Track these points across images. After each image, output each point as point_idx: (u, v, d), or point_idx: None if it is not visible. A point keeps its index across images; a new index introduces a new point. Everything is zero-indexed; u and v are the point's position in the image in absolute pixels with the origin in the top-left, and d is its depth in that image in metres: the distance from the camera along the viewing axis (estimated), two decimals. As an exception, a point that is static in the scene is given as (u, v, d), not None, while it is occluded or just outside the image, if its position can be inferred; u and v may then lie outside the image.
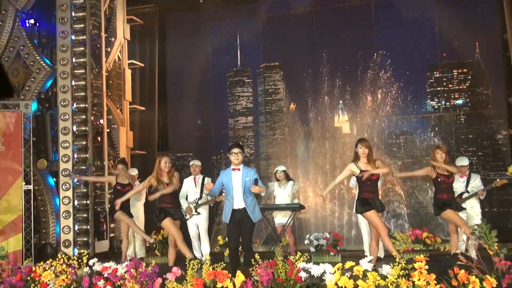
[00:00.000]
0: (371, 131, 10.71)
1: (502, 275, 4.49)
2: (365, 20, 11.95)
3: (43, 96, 10.18)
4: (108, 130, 10.34)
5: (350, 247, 9.20)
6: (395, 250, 5.92)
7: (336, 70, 11.23)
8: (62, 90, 9.24)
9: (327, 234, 8.31)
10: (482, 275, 4.40)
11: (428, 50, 12.00)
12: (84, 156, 9.20)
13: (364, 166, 5.98)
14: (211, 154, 13.06)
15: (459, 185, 7.26)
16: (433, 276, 4.38)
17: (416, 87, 11.78)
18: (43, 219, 9.51)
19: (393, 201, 10.02)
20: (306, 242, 8.37)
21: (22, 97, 9.49)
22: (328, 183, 10.18)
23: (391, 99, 10.77)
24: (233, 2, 12.87)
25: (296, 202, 7.76)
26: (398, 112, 11.09)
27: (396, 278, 4.42)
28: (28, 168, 8.65)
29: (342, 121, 11.67)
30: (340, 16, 12.20)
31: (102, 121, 9.91)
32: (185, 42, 13.13)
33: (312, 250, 8.17)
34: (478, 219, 6.97)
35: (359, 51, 11.51)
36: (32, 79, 9.70)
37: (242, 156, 5.76)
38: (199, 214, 7.73)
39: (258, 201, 6.15)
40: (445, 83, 12.03)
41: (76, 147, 9.16)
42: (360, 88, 10.95)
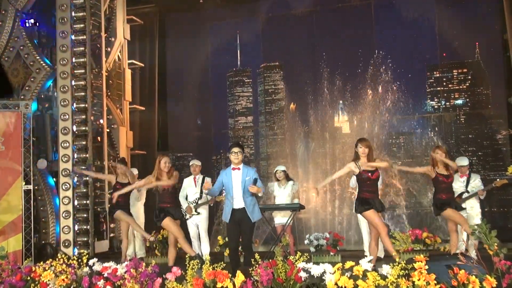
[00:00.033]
0: (371, 131, 10.70)
1: (502, 275, 4.49)
2: (365, 20, 11.94)
3: (43, 96, 10.18)
4: (108, 130, 10.33)
5: (350, 247, 9.20)
6: (394, 250, 5.92)
7: (336, 70, 11.23)
8: (62, 90, 9.23)
9: (327, 234, 8.32)
10: (482, 275, 4.40)
11: (428, 50, 11.99)
12: (84, 156, 9.20)
13: (364, 165, 5.99)
14: (211, 154, 13.06)
15: (459, 185, 7.28)
16: (433, 276, 4.38)
17: (416, 87, 11.79)
18: (43, 219, 9.51)
19: (393, 201, 10.02)
20: (306, 242, 8.38)
21: (22, 97, 9.48)
22: (328, 183, 10.16)
23: (391, 99, 10.77)
24: (233, 2, 12.86)
25: (296, 202, 7.77)
26: (398, 112, 11.09)
27: (396, 278, 4.43)
28: (28, 168, 8.65)
29: (342, 121, 11.66)
30: (340, 16, 12.19)
31: (102, 121, 9.91)
32: (185, 42, 13.12)
33: (312, 250, 8.18)
34: (478, 219, 6.98)
35: (359, 51, 11.52)
36: (32, 79, 9.70)
37: (242, 155, 5.76)
38: (199, 214, 7.73)
39: (258, 201, 6.14)
40: (445, 83, 12.03)
41: (76, 147, 9.16)
42: (360, 88, 10.95)
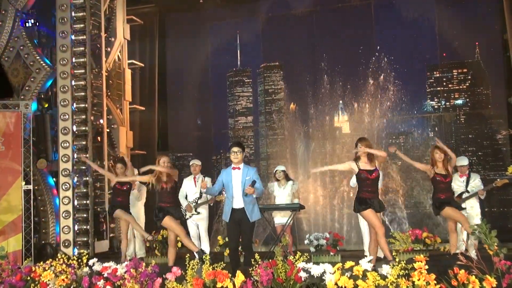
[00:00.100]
0: (371, 131, 10.69)
1: (502, 275, 4.49)
2: (365, 20, 11.94)
3: (43, 96, 10.18)
4: (108, 130, 10.32)
5: (350, 247, 9.20)
6: (388, 251, 5.85)
7: (336, 70, 11.23)
8: (62, 90, 9.22)
9: (327, 234, 8.31)
10: (482, 275, 4.40)
11: (428, 50, 11.99)
12: (84, 156, 9.19)
13: (364, 165, 5.99)
14: (211, 154, 13.06)
15: (458, 184, 7.27)
16: (433, 276, 4.38)
17: (416, 87, 11.80)
18: (43, 219, 9.50)
19: (393, 201, 10.01)
20: (306, 242, 8.37)
21: (22, 97, 9.48)
22: (328, 183, 10.17)
23: (391, 99, 10.76)
24: (233, 2, 12.85)
25: (296, 202, 7.76)
26: (398, 112, 11.09)
27: (396, 278, 4.43)
28: (28, 168, 8.65)
29: (342, 121, 11.66)
30: (340, 16, 12.19)
31: (102, 121, 9.90)
32: (185, 42, 13.12)
33: (312, 250, 8.17)
34: (478, 219, 6.96)
35: (359, 51, 11.52)
36: (32, 79, 9.69)
37: (242, 155, 5.75)
38: (199, 213, 7.73)
39: (258, 201, 6.13)
40: (445, 83, 12.02)
41: (76, 147, 9.15)
42: (360, 88, 10.95)
